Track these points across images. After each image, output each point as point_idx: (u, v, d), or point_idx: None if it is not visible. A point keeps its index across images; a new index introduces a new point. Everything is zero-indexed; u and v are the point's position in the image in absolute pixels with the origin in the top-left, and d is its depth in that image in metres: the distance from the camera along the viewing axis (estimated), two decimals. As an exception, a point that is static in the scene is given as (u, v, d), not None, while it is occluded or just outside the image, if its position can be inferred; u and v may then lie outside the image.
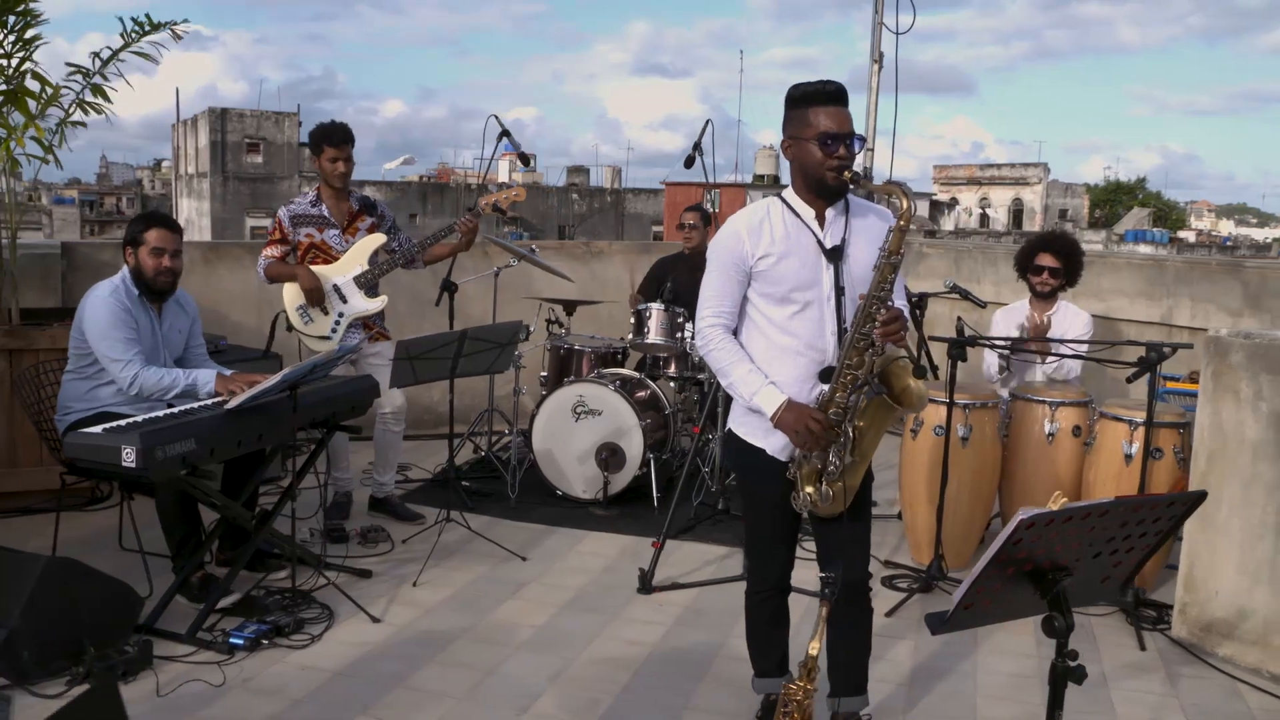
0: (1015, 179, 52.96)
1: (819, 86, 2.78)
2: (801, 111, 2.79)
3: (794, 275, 2.82)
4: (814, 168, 2.78)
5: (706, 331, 2.93)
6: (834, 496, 2.79)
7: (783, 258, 2.82)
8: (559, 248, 7.56)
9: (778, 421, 2.79)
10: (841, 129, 2.74)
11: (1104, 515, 2.07)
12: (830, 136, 2.73)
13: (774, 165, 51.67)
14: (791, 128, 2.82)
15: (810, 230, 2.84)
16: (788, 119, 2.84)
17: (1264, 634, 3.74)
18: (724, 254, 2.89)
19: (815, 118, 2.76)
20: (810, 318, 2.83)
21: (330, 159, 4.71)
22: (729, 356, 2.89)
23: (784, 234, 2.84)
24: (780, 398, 2.80)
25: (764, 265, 2.83)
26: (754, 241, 2.84)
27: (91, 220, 54.09)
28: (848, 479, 2.79)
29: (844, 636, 3.04)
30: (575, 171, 61.28)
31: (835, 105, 2.76)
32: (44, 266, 5.58)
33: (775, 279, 2.83)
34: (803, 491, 2.84)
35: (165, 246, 3.97)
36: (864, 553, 3.03)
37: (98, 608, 3.41)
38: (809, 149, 2.77)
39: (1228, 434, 3.84)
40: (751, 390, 2.84)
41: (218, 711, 3.20)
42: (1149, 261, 5.86)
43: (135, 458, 3.26)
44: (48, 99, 4.87)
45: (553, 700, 3.38)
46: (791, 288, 2.82)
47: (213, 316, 6.08)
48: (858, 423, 2.75)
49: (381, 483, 5.10)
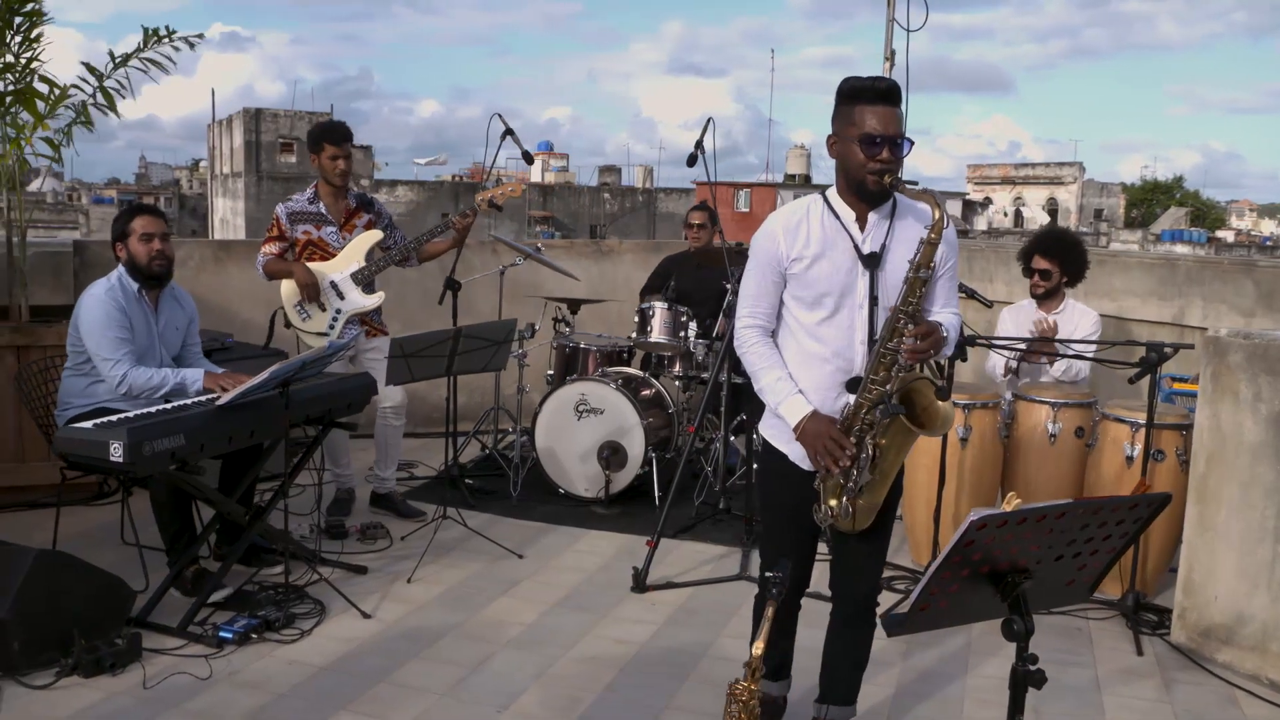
0: (1050, 178, 52.37)
1: (869, 83, 2.64)
2: (848, 108, 2.65)
3: (826, 280, 2.71)
4: (855, 169, 2.65)
5: (742, 333, 2.86)
6: (855, 513, 2.72)
7: (816, 260, 2.71)
8: (568, 247, 7.58)
9: (799, 434, 2.72)
10: (886, 130, 2.60)
11: (1061, 517, 2.03)
12: (873, 138, 2.60)
13: (805, 165, 51.54)
14: (837, 124, 2.69)
15: (849, 234, 2.72)
16: (835, 114, 2.71)
17: (1262, 640, 3.67)
18: (760, 254, 2.80)
19: (861, 116, 2.62)
20: (840, 324, 2.73)
21: (331, 156, 4.74)
22: (761, 361, 2.81)
23: (821, 236, 2.72)
24: (805, 409, 2.72)
25: (797, 268, 2.73)
26: (789, 242, 2.74)
27: (130, 219, 54.81)
28: (867, 496, 2.70)
29: (844, 648, 3.00)
30: (607, 171, 61.39)
31: (884, 105, 2.61)
32: (56, 264, 5.66)
33: (808, 282, 2.73)
34: (825, 504, 2.75)
35: (153, 231, 4.01)
36: (878, 568, 2.98)
37: (88, 600, 3.45)
38: (852, 149, 2.64)
39: (1226, 436, 3.77)
40: (778, 399, 2.76)
41: (200, 704, 3.23)
42: (1160, 261, 5.77)
43: (123, 452, 3.30)
44: (56, 99, 4.94)
45: (534, 698, 3.38)
46: (823, 292, 2.72)
47: (223, 314, 6.15)
48: (880, 440, 2.64)
49: (383, 478, 5.13)
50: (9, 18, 4.81)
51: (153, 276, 4.04)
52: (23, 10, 4.83)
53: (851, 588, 2.91)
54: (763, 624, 2.15)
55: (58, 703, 3.19)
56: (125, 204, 36.28)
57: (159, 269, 4.04)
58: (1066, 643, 3.97)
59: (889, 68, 6.90)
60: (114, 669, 3.36)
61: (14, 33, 4.85)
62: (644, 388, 5.66)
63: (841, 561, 2.93)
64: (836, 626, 2.99)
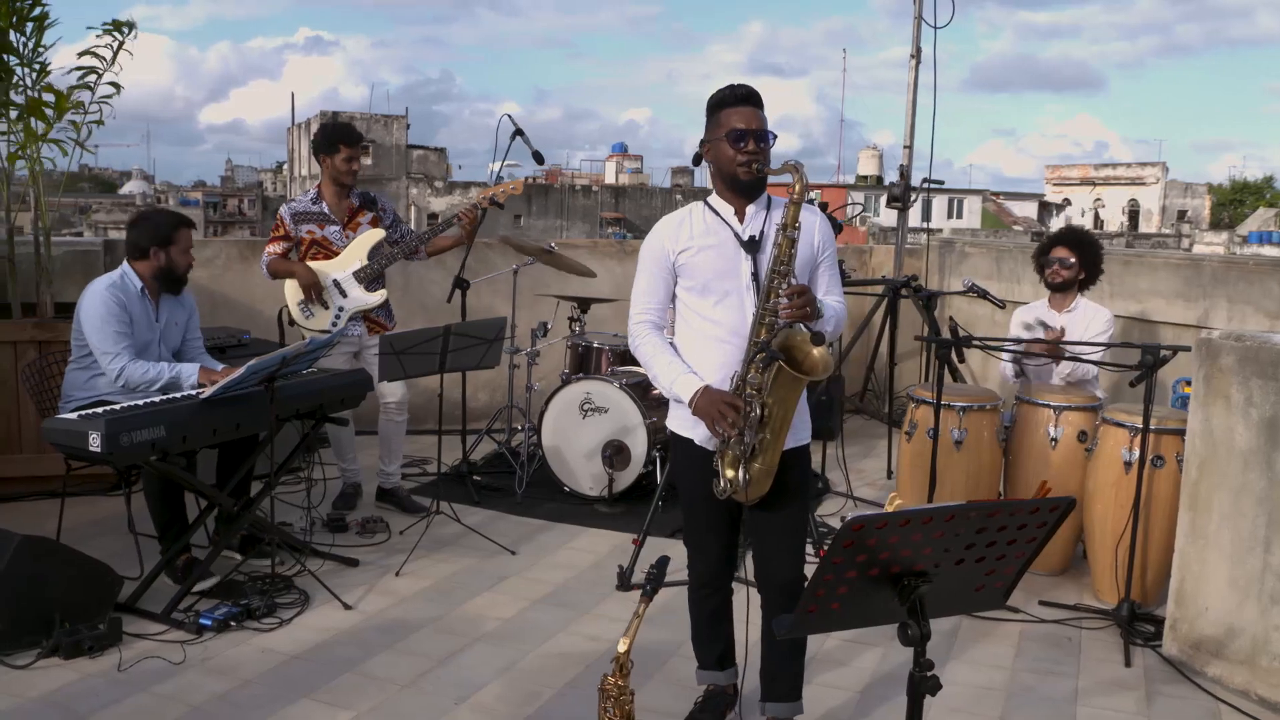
0: (1131, 179, 50.85)
1: (729, 91, 2.88)
2: (715, 115, 2.88)
3: (711, 265, 2.90)
4: (726, 164, 2.85)
5: (634, 329, 3.03)
6: (753, 479, 2.80)
7: (700, 250, 2.91)
8: (591, 246, 7.61)
9: (694, 408, 2.83)
10: (749, 125, 2.81)
11: (951, 520, 1.99)
12: (739, 132, 2.81)
13: (877, 165, 50.84)
14: (708, 132, 2.91)
15: (729, 226, 2.92)
16: (706, 124, 2.92)
17: (1252, 654, 3.53)
18: (648, 253, 3.00)
19: (727, 118, 2.84)
20: (731, 306, 2.89)
21: (345, 158, 4.84)
22: (651, 350, 2.98)
23: (704, 229, 2.93)
24: (696, 385, 2.85)
25: (684, 259, 2.93)
26: (674, 238, 2.95)
27: (215, 221, 56.46)
28: (762, 459, 2.79)
29: (770, 643, 3.01)
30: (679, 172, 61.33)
31: (745, 106, 2.84)
32: (86, 263, 5.87)
33: (694, 270, 2.92)
34: (723, 477, 2.85)
35: (192, 244, 4.30)
36: (796, 550, 2.98)
37: (73, 585, 3.58)
38: (722, 148, 2.85)
39: (1218, 441, 3.64)
40: (670, 379, 2.91)
41: (169, 688, 3.33)
42: (1186, 261, 5.58)
43: (100, 442, 3.42)
44: (59, 105, 5.12)
45: (493, 692, 3.41)
46: (710, 277, 2.90)
47: (247, 311, 6.32)
48: (767, 399, 2.75)
49: (388, 473, 5.21)
50: (20, 24, 4.99)
51: (180, 282, 4.28)
52: (31, 16, 5.00)
53: (772, 575, 2.96)
54: (632, 621, 2.14)
55: (35, 681, 3.32)
56: (210, 206, 36.73)
57: (186, 274, 4.31)
58: (1053, 652, 3.87)
59: (915, 65, 6.80)
60: (93, 651, 3.48)
61: (25, 38, 5.04)
62: (653, 387, 5.65)
63: (760, 550, 2.98)
64: (766, 619, 2.97)
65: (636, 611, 2.16)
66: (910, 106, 6.82)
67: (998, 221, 48.61)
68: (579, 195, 47.44)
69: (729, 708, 3.23)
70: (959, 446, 4.46)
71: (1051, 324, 4.91)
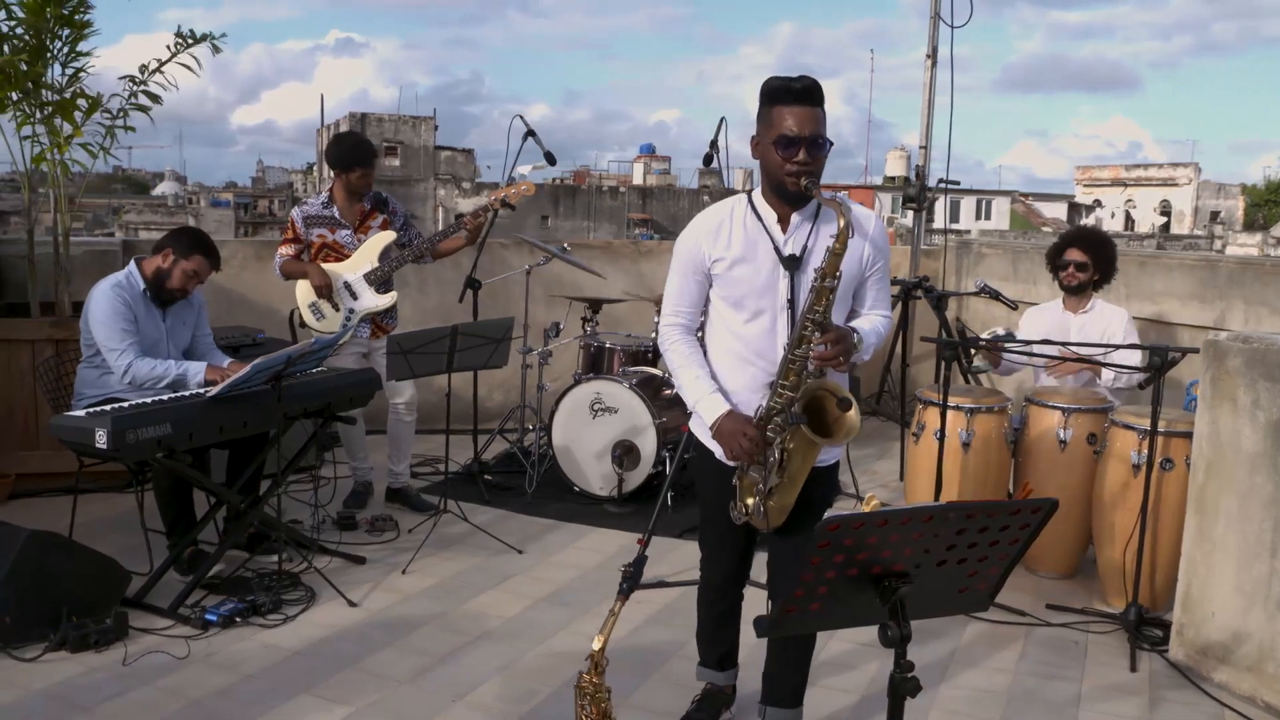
0: (1163, 180, 50.24)
1: (786, 83, 2.59)
2: (767, 109, 2.62)
3: (747, 282, 2.71)
4: (774, 169, 2.62)
5: (664, 330, 2.88)
6: (767, 514, 2.71)
7: (737, 262, 2.71)
8: (605, 247, 7.63)
9: (715, 432, 2.73)
10: (802, 131, 2.55)
11: (929, 521, 1.98)
12: (789, 139, 2.56)
13: (905, 166, 50.54)
14: (760, 125, 2.67)
15: (770, 235, 2.70)
16: (758, 115, 2.67)
17: (1258, 660, 3.49)
18: (683, 255, 2.80)
19: (779, 117, 2.58)
20: (763, 326, 2.72)
21: (359, 176, 4.87)
22: (680, 359, 2.83)
23: (743, 238, 2.71)
24: (721, 408, 2.72)
25: (719, 269, 2.73)
26: (711, 243, 2.74)
27: (246, 221, 56.98)
28: (778, 498, 2.69)
29: (781, 649, 2.98)
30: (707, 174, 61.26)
31: (801, 105, 2.56)
32: (104, 263, 5.95)
33: (729, 283, 2.74)
34: (741, 502, 2.78)
35: (201, 275, 4.26)
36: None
37: (81, 580, 3.63)
38: (770, 151, 2.62)
39: (1225, 444, 3.60)
40: (695, 397, 2.78)
41: (172, 682, 3.37)
42: (1201, 262, 5.51)
43: (107, 439, 3.46)
44: (89, 109, 5.20)
45: (492, 690, 3.42)
46: (744, 294, 2.72)
47: (264, 311, 6.38)
48: (788, 444, 2.63)
49: (397, 473, 5.25)
50: (56, 28, 5.07)
51: (164, 299, 4.26)
52: (71, 21, 5.09)
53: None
54: (607, 619, 2.15)
55: (40, 674, 3.37)
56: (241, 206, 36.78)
57: (172, 298, 4.27)
58: (1058, 656, 3.84)
59: (930, 64, 6.76)
60: (99, 646, 3.53)
61: (62, 44, 5.12)
62: (665, 387, 5.66)
63: (775, 562, 2.93)
64: None
65: (613, 610, 2.17)
66: (926, 106, 6.78)
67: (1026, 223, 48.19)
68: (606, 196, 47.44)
69: (725, 708, 3.23)
70: (966, 448, 4.43)
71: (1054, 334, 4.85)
